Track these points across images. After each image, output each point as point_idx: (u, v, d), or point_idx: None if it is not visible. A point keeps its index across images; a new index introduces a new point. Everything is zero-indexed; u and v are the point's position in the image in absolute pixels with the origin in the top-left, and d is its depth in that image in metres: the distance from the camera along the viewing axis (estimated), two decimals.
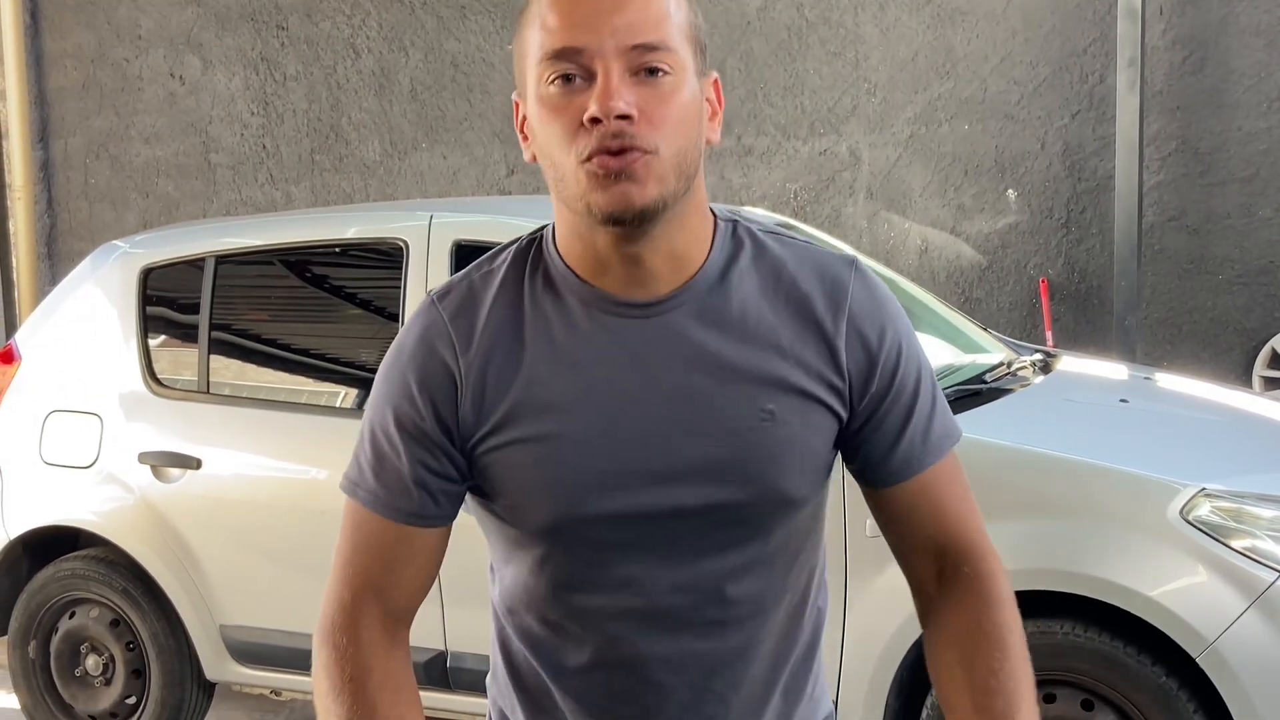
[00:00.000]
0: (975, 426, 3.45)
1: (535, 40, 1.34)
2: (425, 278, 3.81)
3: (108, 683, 4.28)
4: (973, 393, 3.70)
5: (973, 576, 1.45)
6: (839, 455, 1.48)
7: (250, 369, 4.28)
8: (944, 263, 6.27)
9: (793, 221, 4.79)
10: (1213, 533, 3.08)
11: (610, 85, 1.29)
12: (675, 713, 1.45)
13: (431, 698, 3.83)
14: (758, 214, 4.38)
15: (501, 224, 3.89)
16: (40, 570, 4.35)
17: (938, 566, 1.47)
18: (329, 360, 4.27)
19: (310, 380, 4.24)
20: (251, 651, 4.06)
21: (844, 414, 1.43)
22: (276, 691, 4.27)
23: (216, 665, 4.13)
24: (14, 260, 8.02)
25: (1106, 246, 5.95)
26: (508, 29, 7.02)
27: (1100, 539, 3.18)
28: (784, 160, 6.49)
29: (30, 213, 7.94)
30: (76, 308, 4.42)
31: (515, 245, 1.48)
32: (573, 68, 1.31)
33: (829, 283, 1.43)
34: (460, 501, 1.46)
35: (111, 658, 4.26)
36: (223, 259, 4.21)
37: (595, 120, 1.28)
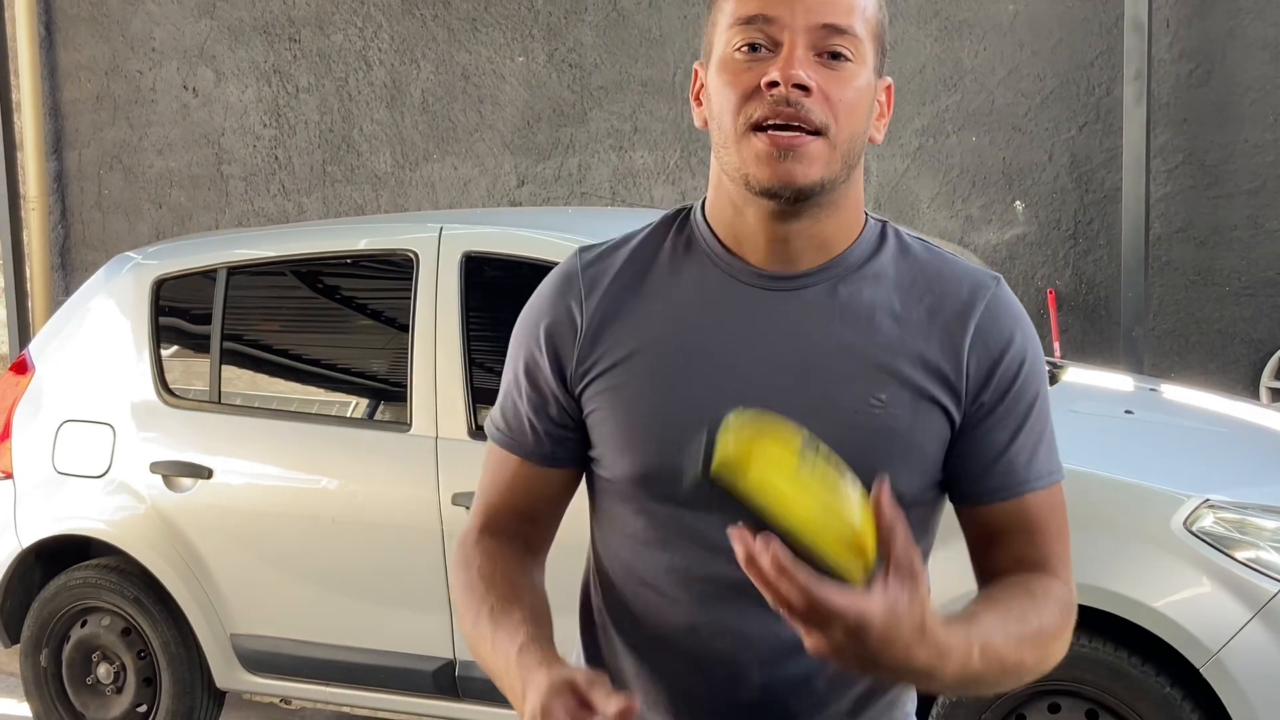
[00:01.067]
0: None
1: (729, 7, 1.38)
2: (435, 289, 3.84)
3: (119, 691, 4.31)
4: None
5: (1047, 575, 1.43)
6: None
7: (262, 379, 4.31)
8: None
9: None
10: (1216, 544, 3.10)
11: (794, 55, 1.32)
12: (744, 693, 1.44)
13: (441, 706, 3.86)
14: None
15: (512, 235, 3.92)
16: (52, 579, 4.38)
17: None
18: (340, 371, 4.30)
19: (321, 390, 4.27)
20: (262, 660, 4.09)
21: (958, 417, 1.41)
22: (287, 700, 4.29)
23: (227, 674, 4.15)
24: (28, 270, 8.07)
25: (1114, 258, 5.96)
26: (518, 41, 7.06)
27: (1104, 550, 3.19)
28: None
29: (44, 223, 8.00)
30: (90, 318, 4.46)
31: (661, 216, 1.52)
32: (761, 37, 1.34)
33: (967, 289, 1.43)
34: (576, 450, 1.50)
35: (123, 666, 4.29)
36: (235, 270, 4.24)
37: (773, 85, 1.31)
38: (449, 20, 7.20)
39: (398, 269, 3.98)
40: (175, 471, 4.11)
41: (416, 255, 3.91)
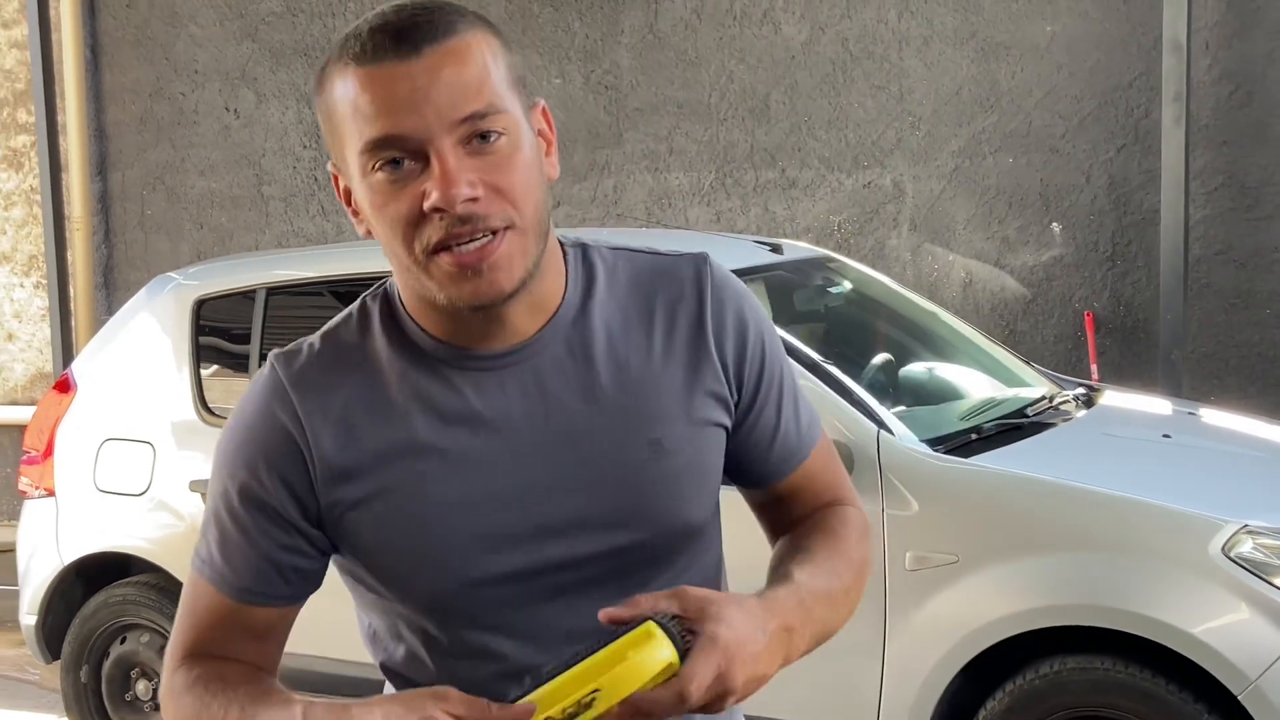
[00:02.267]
0: (1016, 460, 3.46)
1: (349, 128, 1.22)
2: None
3: (157, 708, 4.34)
4: (1014, 427, 3.71)
5: (837, 504, 1.47)
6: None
7: None
8: (988, 296, 6.27)
9: (831, 253, 4.81)
10: (1255, 570, 3.07)
11: (448, 170, 1.19)
12: None
13: None
14: (603, 234, 4.42)
15: None
16: (93, 596, 4.42)
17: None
18: None
19: None
20: (295, 678, 4.11)
21: (731, 419, 1.38)
22: None
23: None
24: (72, 290, 8.16)
25: (1152, 280, 5.93)
26: (554, 64, 7.11)
27: (1142, 575, 3.18)
28: (828, 193, 6.52)
29: (88, 243, 8.09)
30: (131, 338, 4.51)
31: (355, 308, 1.39)
32: (399, 153, 1.20)
33: (687, 285, 1.36)
34: (314, 579, 1.36)
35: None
36: (274, 290, 4.29)
37: (438, 209, 1.19)
38: None
39: None
40: None
41: None
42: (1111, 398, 4.28)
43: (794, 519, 1.46)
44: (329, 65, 1.26)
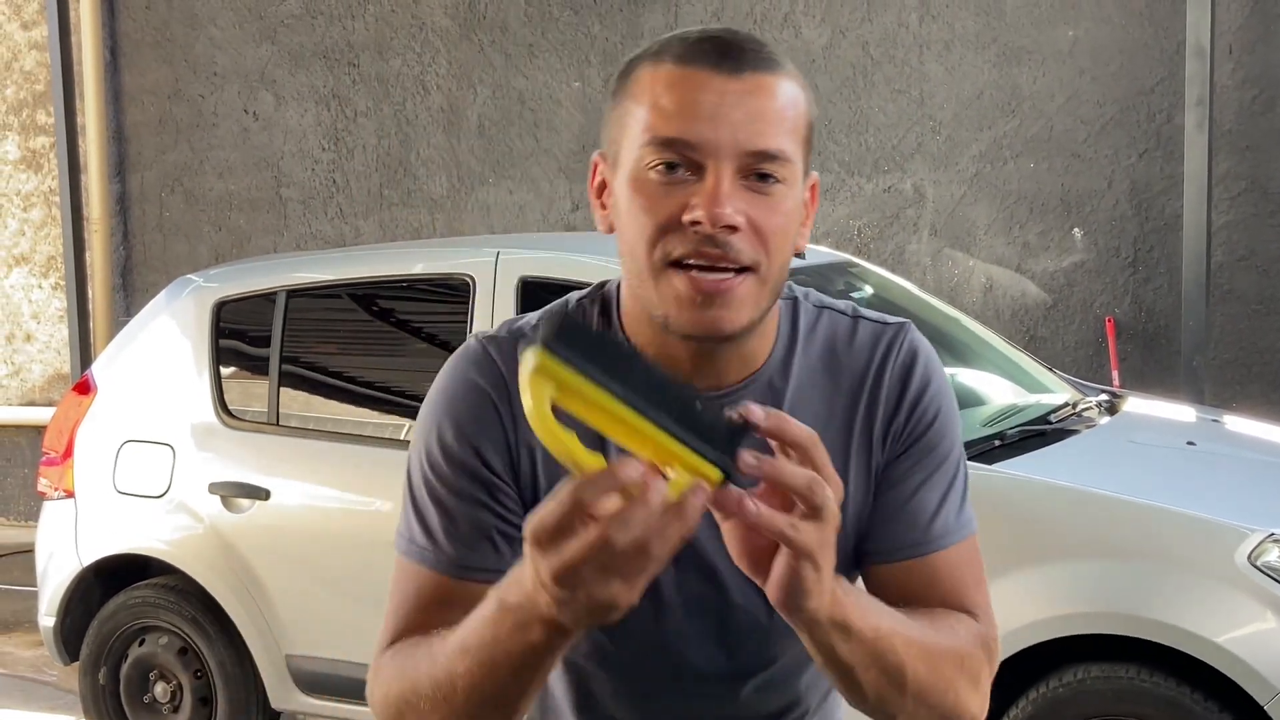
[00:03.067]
0: (1039, 467, 3.43)
1: (642, 116, 1.21)
2: (491, 313, 3.86)
3: (175, 710, 4.34)
4: (1037, 433, 3.68)
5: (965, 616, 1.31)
6: None
7: (320, 402, 4.35)
8: (1009, 301, 6.24)
9: (853, 258, 4.80)
10: None
11: (720, 190, 1.16)
12: None
13: None
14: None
15: (568, 261, 3.93)
16: (112, 598, 4.42)
17: None
18: (397, 394, 4.33)
19: (378, 413, 4.30)
20: (317, 682, 4.11)
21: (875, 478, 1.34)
22: None
23: (282, 694, 4.17)
24: (90, 291, 8.19)
25: (1174, 286, 5.90)
26: (574, 67, 7.10)
27: (1167, 583, 3.15)
28: (848, 197, 6.50)
29: (107, 245, 8.11)
30: (151, 340, 4.51)
31: (572, 307, 1.36)
32: (679, 158, 1.18)
33: (880, 350, 1.34)
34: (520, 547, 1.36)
35: (179, 685, 4.32)
36: (294, 293, 4.28)
37: (696, 223, 1.17)
38: (506, 46, 7.25)
39: (455, 293, 4.00)
40: (233, 492, 4.15)
41: (473, 280, 3.93)
42: (1135, 404, 4.26)
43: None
44: (640, 59, 1.24)
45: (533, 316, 1.37)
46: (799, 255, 1.27)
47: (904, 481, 1.32)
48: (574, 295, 1.38)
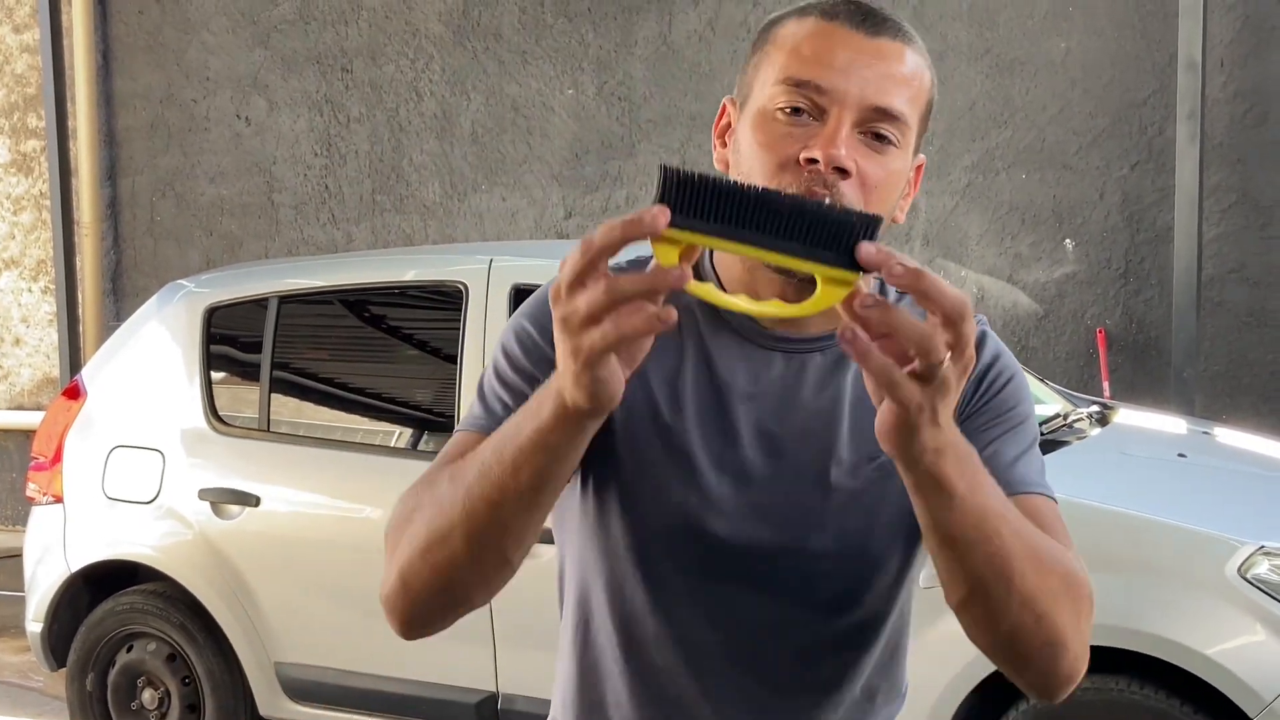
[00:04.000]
0: None
1: (780, 60, 1.28)
2: (484, 320, 3.85)
3: (163, 717, 4.32)
4: None
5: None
6: None
7: (311, 408, 4.34)
8: (1000, 311, 6.25)
9: None
10: (1272, 591, 3.05)
11: (839, 133, 1.24)
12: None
13: None
14: None
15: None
16: (100, 604, 4.41)
17: None
18: (388, 401, 4.32)
19: (370, 420, 4.29)
20: (305, 689, 4.09)
21: None
22: None
23: (270, 702, 4.16)
24: (80, 295, 8.17)
25: (1165, 298, 5.91)
26: (568, 74, 7.10)
27: (1157, 595, 3.15)
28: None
29: (97, 249, 8.10)
30: (141, 345, 4.50)
31: None
32: (806, 103, 1.26)
33: None
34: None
35: (167, 692, 4.31)
36: (285, 299, 4.27)
37: (811, 161, 1.23)
38: (500, 52, 7.25)
39: (447, 300, 4.00)
40: (223, 499, 4.13)
41: (466, 287, 3.92)
42: (1126, 416, 4.26)
43: None
44: (784, 16, 1.32)
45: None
46: (896, 222, 1.34)
47: (979, 435, 1.32)
48: None
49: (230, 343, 4.42)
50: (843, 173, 1.23)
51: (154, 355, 4.45)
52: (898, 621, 1.45)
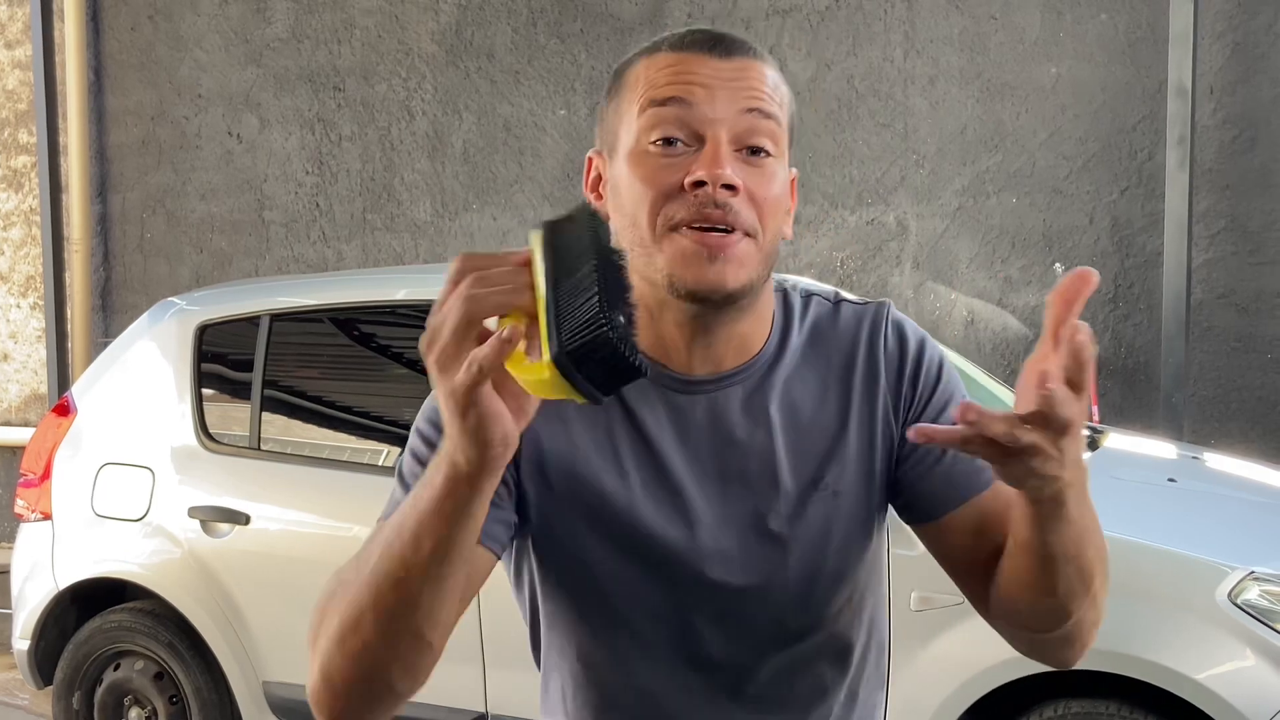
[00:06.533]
0: None
1: (641, 89, 1.29)
2: None
3: None
4: None
5: None
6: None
7: (301, 427, 4.33)
8: (990, 335, 6.27)
9: (841, 291, 4.81)
10: (1261, 617, 3.06)
11: (720, 152, 1.24)
12: None
13: None
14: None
15: None
16: (87, 621, 4.39)
17: None
18: (379, 420, 4.31)
19: (360, 440, 4.28)
20: (294, 708, 4.08)
21: (895, 445, 1.38)
22: None
23: None
24: (69, 311, 8.15)
25: (1154, 323, 5.93)
26: (560, 95, 7.12)
27: (1147, 620, 3.16)
28: (831, 229, 6.53)
29: (86, 265, 8.08)
30: (132, 362, 4.49)
31: None
32: (678, 131, 1.25)
33: (866, 329, 1.40)
34: (506, 536, 1.33)
35: (154, 711, 4.29)
36: (277, 318, 4.27)
37: (698, 185, 1.23)
38: (492, 72, 7.27)
39: None
40: (213, 517, 4.12)
41: None
42: (1116, 440, 4.27)
43: (998, 542, 1.33)
44: (634, 58, 1.33)
45: None
46: (786, 239, 1.34)
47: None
48: None
49: (221, 360, 4.41)
50: (732, 190, 1.24)
51: (144, 372, 4.45)
52: (871, 617, 1.46)
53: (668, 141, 1.26)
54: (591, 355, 0.96)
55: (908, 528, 1.42)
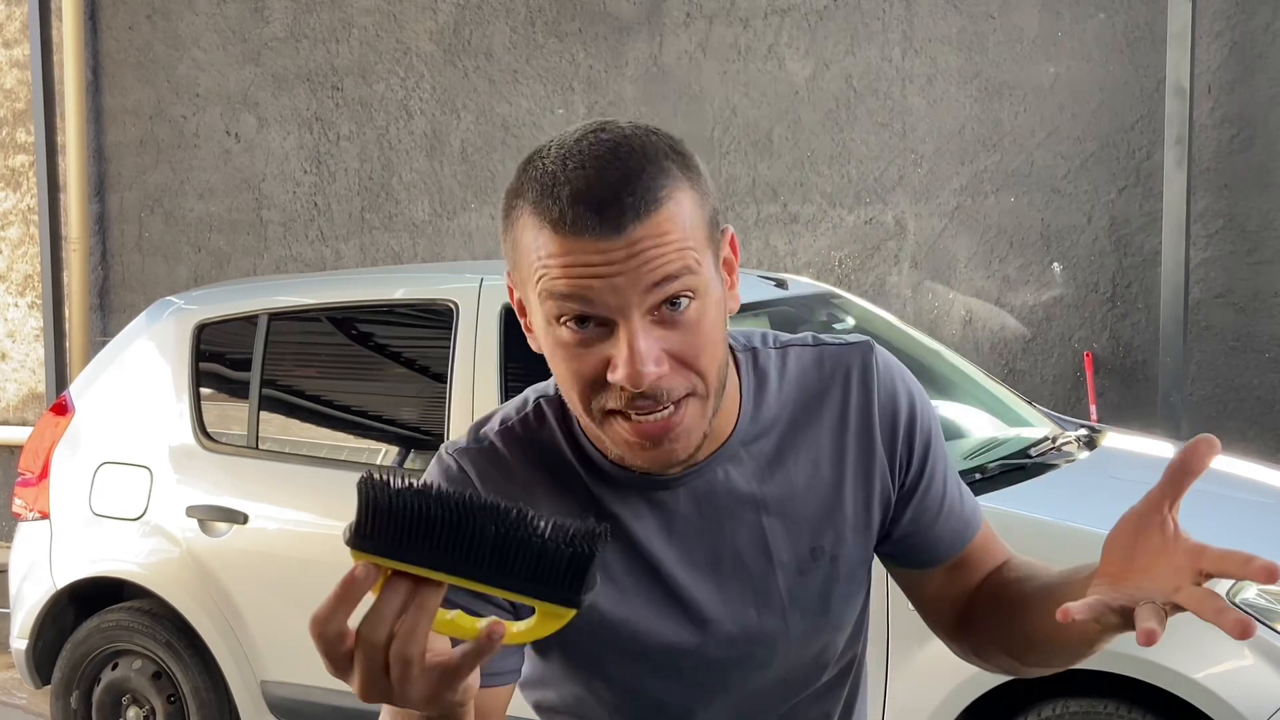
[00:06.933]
0: (1020, 501, 3.44)
1: (537, 266, 1.16)
2: (474, 340, 3.85)
3: None
4: (1017, 467, 3.69)
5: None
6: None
7: (300, 426, 4.33)
8: (988, 334, 6.27)
9: (836, 289, 4.81)
10: (1260, 616, 3.06)
11: (636, 349, 1.13)
12: None
13: None
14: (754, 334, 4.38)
15: None
16: (85, 621, 4.38)
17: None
18: (378, 419, 4.31)
19: (358, 439, 4.28)
20: (292, 708, 4.08)
21: (893, 499, 1.39)
22: None
23: None
24: (67, 311, 8.14)
25: (1152, 322, 5.93)
26: (558, 94, 7.12)
27: None
28: (829, 228, 6.53)
29: (84, 264, 8.07)
30: (130, 361, 4.49)
31: (531, 410, 1.33)
32: (586, 310, 1.15)
33: (855, 375, 1.36)
34: (517, 663, 1.32)
35: (152, 710, 4.29)
36: (276, 317, 4.27)
37: (622, 385, 1.15)
38: (490, 72, 7.27)
39: (438, 319, 3.99)
40: (211, 516, 4.12)
41: (457, 306, 3.92)
42: (1114, 439, 4.27)
43: (970, 591, 1.44)
44: (518, 202, 1.19)
45: (496, 418, 1.35)
46: (732, 313, 1.25)
47: (932, 487, 1.40)
48: (537, 394, 1.36)
49: (219, 359, 4.41)
50: (658, 377, 1.15)
51: (142, 371, 4.44)
52: (862, 625, 1.48)
53: (580, 320, 1.15)
54: (584, 574, 0.95)
55: None
